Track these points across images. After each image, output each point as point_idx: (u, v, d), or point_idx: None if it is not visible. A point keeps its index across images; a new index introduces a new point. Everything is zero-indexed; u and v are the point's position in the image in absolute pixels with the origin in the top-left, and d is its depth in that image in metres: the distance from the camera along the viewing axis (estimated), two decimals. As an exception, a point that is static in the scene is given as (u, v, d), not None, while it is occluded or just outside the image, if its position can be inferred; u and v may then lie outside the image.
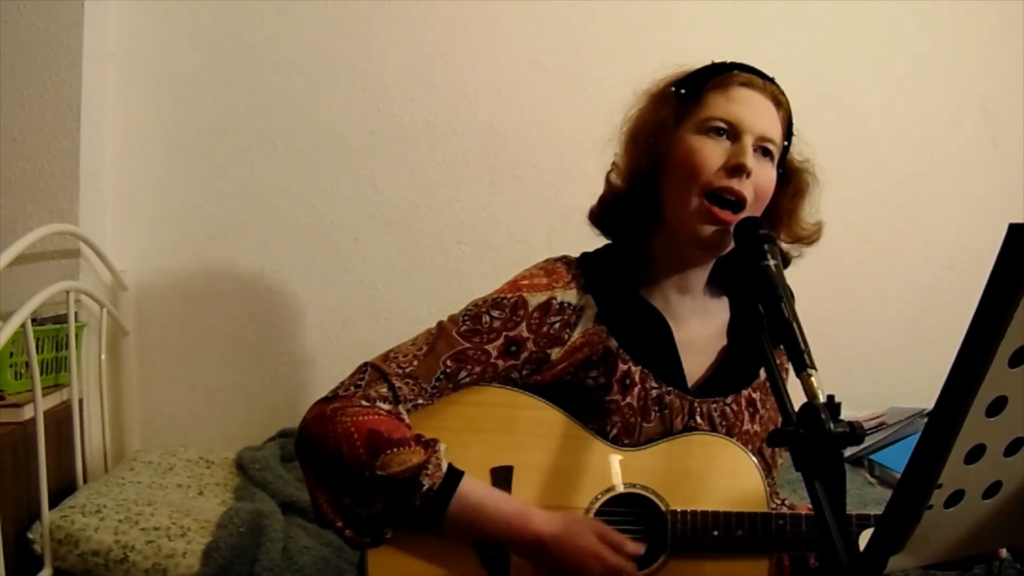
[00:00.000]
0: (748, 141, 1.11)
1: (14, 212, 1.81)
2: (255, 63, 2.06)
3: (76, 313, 1.70)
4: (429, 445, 1.07)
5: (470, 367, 1.13)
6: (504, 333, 1.14)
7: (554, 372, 1.16)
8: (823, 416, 0.81)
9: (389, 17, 2.09)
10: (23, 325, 1.38)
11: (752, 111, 1.13)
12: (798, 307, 0.97)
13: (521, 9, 2.14)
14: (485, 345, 1.14)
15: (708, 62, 1.18)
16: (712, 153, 1.11)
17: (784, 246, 1.22)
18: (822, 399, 0.84)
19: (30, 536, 1.42)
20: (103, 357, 1.89)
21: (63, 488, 1.61)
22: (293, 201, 2.08)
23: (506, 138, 2.13)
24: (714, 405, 1.20)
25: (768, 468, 1.25)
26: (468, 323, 1.15)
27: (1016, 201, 2.25)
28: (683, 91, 1.16)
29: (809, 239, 1.24)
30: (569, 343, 1.16)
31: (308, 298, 2.08)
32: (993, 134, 2.28)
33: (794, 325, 0.93)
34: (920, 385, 2.09)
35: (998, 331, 0.62)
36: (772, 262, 1.02)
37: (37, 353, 1.48)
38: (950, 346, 0.66)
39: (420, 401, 1.11)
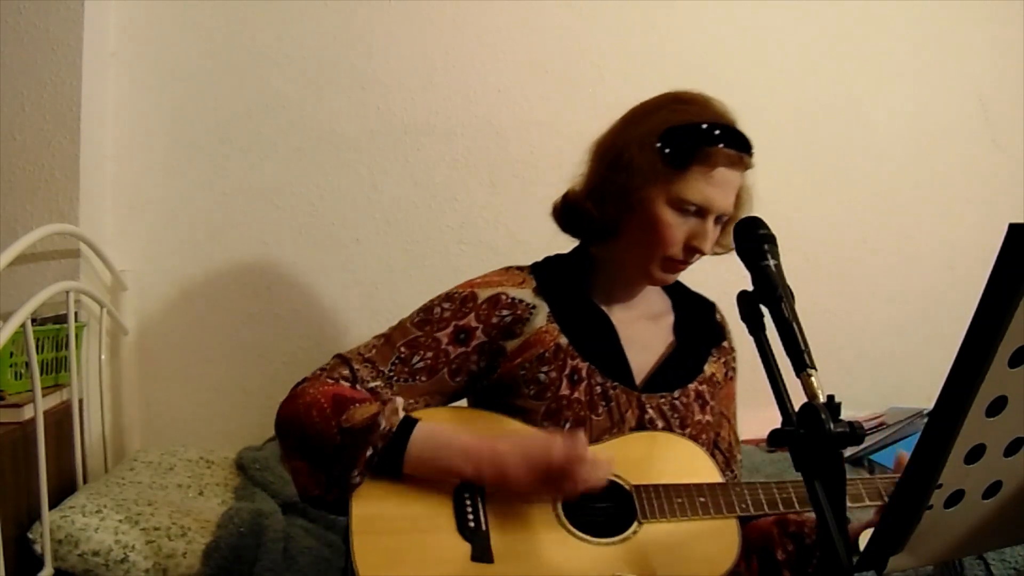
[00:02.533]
0: (711, 222, 1.23)
1: (14, 212, 1.80)
2: (255, 63, 2.06)
3: (76, 313, 1.70)
4: (387, 401, 1.16)
5: (423, 352, 1.24)
6: (453, 322, 1.25)
7: (511, 365, 1.24)
8: (823, 416, 0.81)
9: (389, 17, 2.09)
10: (23, 325, 1.38)
11: (724, 195, 1.21)
12: (798, 307, 0.97)
13: (521, 9, 2.14)
14: (436, 333, 1.25)
15: (699, 116, 1.21)
16: (679, 231, 1.22)
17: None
18: (822, 399, 0.84)
19: (30, 536, 1.42)
20: (103, 357, 1.89)
21: (63, 488, 1.61)
22: (293, 201, 2.08)
23: (506, 138, 2.13)
24: (662, 399, 1.28)
25: (728, 461, 1.34)
26: (421, 315, 1.28)
27: (1016, 201, 2.25)
28: (668, 152, 1.20)
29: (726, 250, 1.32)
30: (523, 338, 1.25)
31: (308, 298, 2.08)
32: (993, 134, 2.28)
33: (794, 325, 0.94)
34: (920, 385, 2.09)
35: (998, 331, 0.62)
36: (772, 262, 1.03)
37: (37, 353, 1.48)
38: (950, 346, 0.66)
39: (378, 382, 1.22)
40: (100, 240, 1.86)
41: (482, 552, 1.10)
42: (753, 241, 1.06)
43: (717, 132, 1.20)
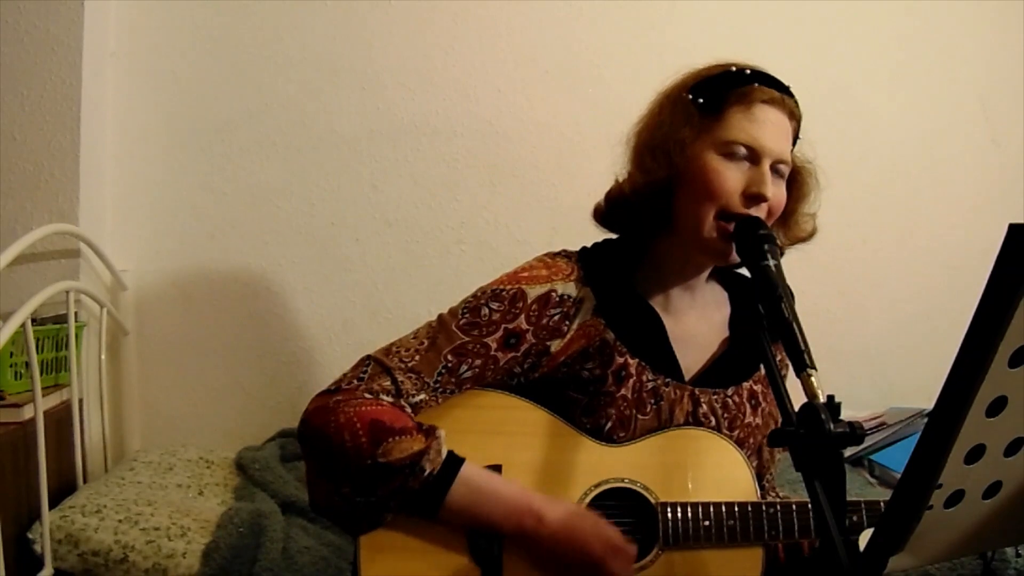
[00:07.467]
0: (767, 166, 1.12)
1: (14, 212, 1.80)
2: (255, 63, 2.06)
3: (76, 313, 1.70)
4: (430, 433, 1.08)
5: (471, 360, 1.13)
6: (503, 325, 1.14)
7: (554, 364, 1.16)
8: (823, 416, 0.81)
9: (389, 17, 2.09)
10: (23, 325, 1.38)
11: (771, 134, 1.12)
12: (798, 307, 0.97)
13: (521, 9, 2.13)
14: (484, 338, 1.14)
15: (727, 65, 1.16)
16: (732, 177, 1.11)
17: (780, 244, 1.22)
18: (822, 399, 0.84)
19: (30, 536, 1.42)
20: (103, 357, 1.89)
21: (63, 488, 1.61)
22: (293, 201, 2.08)
23: (506, 138, 2.12)
24: (715, 396, 1.21)
25: (765, 465, 1.27)
26: (467, 316, 1.15)
27: (1016, 201, 2.25)
28: (702, 101, 1.14)
29: (806, 238, 1.26)
30: (568, 335, 1.16)
31: (308, 298, 2.08)
32: (993, 134, 2.28)
33: (794, 325, 0.93)
34: (920, 385, 2.09)
35: (998, 331, 0.62)
36: (772, 262, 1.02)
37: (37, 353, 1.48)
38: (950, 346, 0.66)
39: (423, 395, 1.11)
40: (100, 240, 1.86)
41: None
42: (753, 241, 1.06)
43: (748, 72, 1.14)
